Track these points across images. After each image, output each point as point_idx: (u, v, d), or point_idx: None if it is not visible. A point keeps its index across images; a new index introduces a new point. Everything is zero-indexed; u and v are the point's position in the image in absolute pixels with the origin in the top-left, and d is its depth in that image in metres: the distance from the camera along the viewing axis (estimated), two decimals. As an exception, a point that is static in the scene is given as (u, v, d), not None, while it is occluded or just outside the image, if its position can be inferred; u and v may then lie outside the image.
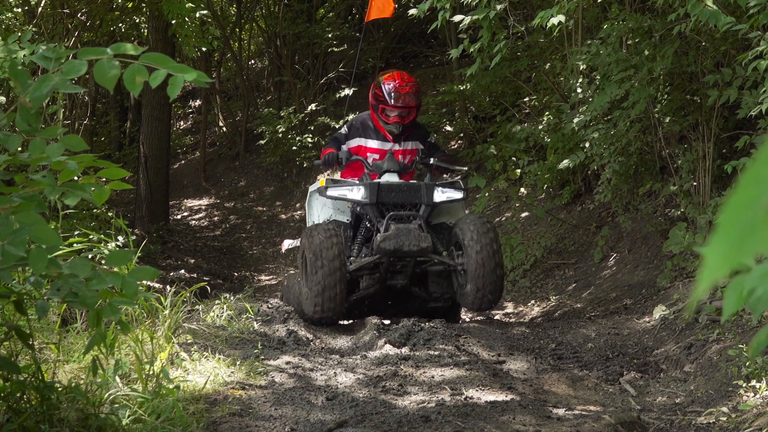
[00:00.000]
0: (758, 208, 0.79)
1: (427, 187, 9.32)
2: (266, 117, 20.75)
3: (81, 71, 3.94)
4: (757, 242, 0.79)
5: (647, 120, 10.53)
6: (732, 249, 0.80)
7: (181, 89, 3.80)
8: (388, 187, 9.28)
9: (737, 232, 0.80)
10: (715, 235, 0.82)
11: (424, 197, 9.29)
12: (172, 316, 6.97)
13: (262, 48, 25.49)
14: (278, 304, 9.54)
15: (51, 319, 6.40)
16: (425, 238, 8.95)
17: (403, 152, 9.87)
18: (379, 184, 9.24)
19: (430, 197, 9.30)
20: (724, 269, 0.81)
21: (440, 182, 9.52)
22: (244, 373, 6.71)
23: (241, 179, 21.71)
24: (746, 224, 0.80)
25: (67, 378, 5.57)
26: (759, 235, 0.79)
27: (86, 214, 12.16)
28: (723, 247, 0.81)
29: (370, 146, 9.85)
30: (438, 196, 9.34)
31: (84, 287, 4.12)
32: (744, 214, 0.80)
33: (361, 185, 9.29)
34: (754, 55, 6.65)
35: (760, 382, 6.42)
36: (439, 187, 9.36)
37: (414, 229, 8.99)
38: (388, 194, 9.26)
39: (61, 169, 4.07)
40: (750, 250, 0.80)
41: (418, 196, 9.30)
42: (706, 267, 0.81)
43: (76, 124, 17.86)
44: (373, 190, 9.21)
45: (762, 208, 0.79)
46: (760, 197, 0.79)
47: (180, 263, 15.72)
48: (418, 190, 9.31)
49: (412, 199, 9.31)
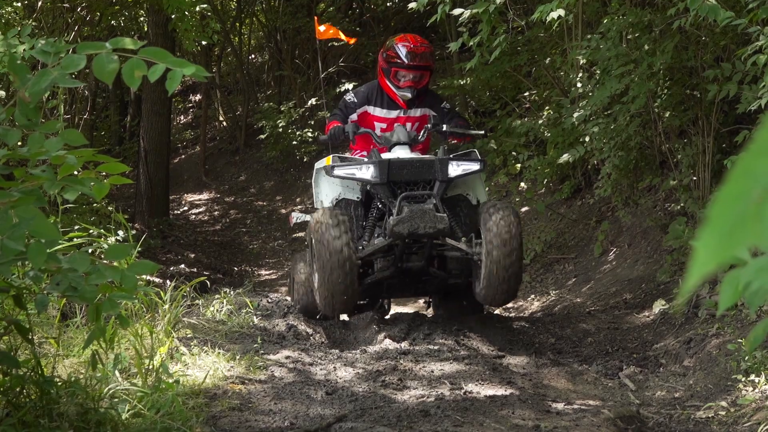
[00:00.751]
0: (748, 201, 0.80)
1: (441, 161, 8.54)
2: (266, 111, 20.75)
3: (80, 66, 3.95)
4: (747, 235, 0.80)
5: (647, 115, 10.53)
6: (722, 242, 0.80)
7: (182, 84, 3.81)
8: (399, 164, 8.53)
9: (727, 225, 0.80)
10: (706, 228, 0.83)
11: (438, 172, 8.52)
12: (172, 311, 6.98)
13: (263, 42, 25.49)
14: (278, 298, 9.52)
15: (51, 314, 6.41)
16: (441, 219, 8.25)
17: (413, 119, 9.28)
18: (389, 161, 8.51)
19: (445, 172, 8.53)
20: (715, 262, 0.81)
21: (455, 154, 8.84)
22: (243, 368, 6.72)
23: (242, 174, 21.71)
24: (736, 217, 0.80)
25: (66, 372, 5.58)
26: (749, 229, 0.79)
27: (86, 209, 12.16)
28: (713, 241, 0.81)
29: (378, 114, 9.27)
30: (453, 170, 8.57)
31: (83, 281, 4.12)
32: (734, 207, 0.80)
33: (369, 163, 8.56)
34: (753, 50, 6.65)
35: (759, 376, 6.42)
36: (453, 161, 8.59)
37: (429, 209, 8.27)
38: (400, 171, 8.52)
39: (60, 163, 4.08)
40: (740, 244, 0.80)
41: (432, 172, 8.55)
42: (696, 260, 0.81)
43: (76, 118, 17.87)
44: (382, 168, 8.48)
45: (752, 201, 0.80)
46: (751, 190, 0.80)
47: (180, 258, 15.72)
48: (431, 165, 8.54)
49: (425, 175, 8.56)
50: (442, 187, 8.54)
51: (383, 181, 8.46)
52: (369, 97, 9.28)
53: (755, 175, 0.80)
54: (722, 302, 1.71)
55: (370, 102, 9.26)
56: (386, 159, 8.52)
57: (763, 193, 0.79)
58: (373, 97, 9.29)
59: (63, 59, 3.99)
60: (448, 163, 8.54)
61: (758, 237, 0.79)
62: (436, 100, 9.44)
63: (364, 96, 9.32)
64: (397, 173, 8.50)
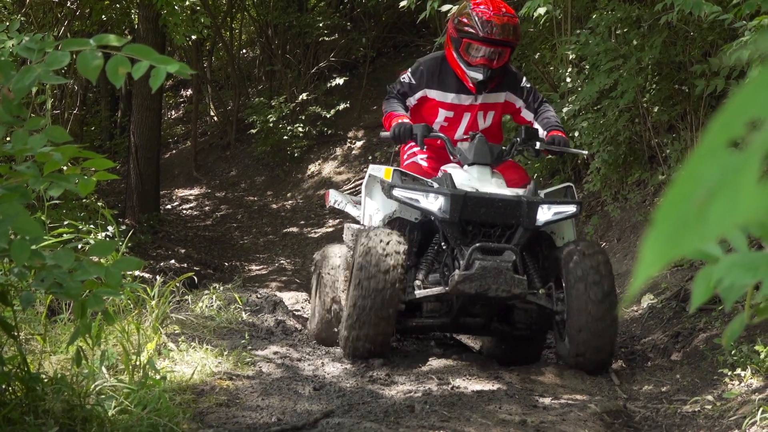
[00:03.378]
0: (692, 204, 0.80)
1: (529, 204, 6.90)
2: (257, 106, 20.74)
3: (64, 62, 3.95)
4: (690, 238, 0.81)
5: (636, 109, 10.56)
6: (667, 245, 0.81)
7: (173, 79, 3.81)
8: (476, 201, 6.87)
9: (672, 228, 0.81)
10: (651, 231, 0.83)
11: (524, 218, 6.91)
12: (160, 307, 6.98)
13: (254, 37, 25.47)
14: (267, 293, 9.50)
15: (38, 310, 6.40)
16: (519, 283, 6.78)
17: (487, 107, 7.58)
18: (465, 195, 6.84)
19: (533, 218, 6.93)
20: (659, 264, 0.82)
21: (547, 191, 7.23)
22: (231, 364, 6.72)
23: (232, 169, 21.70)
24: (680, 220, 0.81)
25: (53, 369, 5.57)
26: (692, 231, 0.80)
27: (75, 204, 12.15)
28: (658, 243, 0.82)
29: (441, 99, 7.53)
30: (543, 215, 6.97)
31: (68, 278, 4.13)
32: (678, 210, 0.81)
33: (439, 192, 6.90)
34: (738, 45, 6.67)
35: (744, 370, 6.44)
36: (544, 204, 6.96)
37: (506, 269, 6.77)
38: (476, 210, 6.89)
39: (46, 160, 4.08)
40: (684, 246, 0.81)
41: (516, 216, 6.92)
42: (641, 262, 0.82)
43: (66, 113, 17.84)
44: (455, 203, 6.84)
45: (695, 205, 0.80)
46: (694, 194, 0.81)
47: (170, 253, 15.72)
48: (516, 207, 6.89)
49: (507, 219, 6.93)
50: (525, 236, 6.99)
51: (453, 220, 6.88)
52: (430, 77, 7.54)
53: (700, 178, 0.81)
54: (695, 299, 1.73)
55: (431, 83, 7.54)
56: (461, 192, 6.88)
57: (707, 195, 0.80)
58: (435, 76, 7.54)
59: (47, 56, 3.99)
60: (538, 206, 6.94)
61: (701, 239, 0.80)
62: (515, 79, 7.69)
63: (424, 75, 7.57)
64: (472, 212, 6.90)
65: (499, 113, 7.66)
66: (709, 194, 0.80)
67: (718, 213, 0.80)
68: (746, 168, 0.80)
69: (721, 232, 0.79)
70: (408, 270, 7.07)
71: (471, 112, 7.53)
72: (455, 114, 7.51)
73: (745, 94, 0.80)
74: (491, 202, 6.89)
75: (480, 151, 7.17)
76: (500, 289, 6.73)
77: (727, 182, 0.80)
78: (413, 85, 7.55)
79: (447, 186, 6.92)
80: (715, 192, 0.80)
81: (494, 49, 7.24)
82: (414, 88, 7.55)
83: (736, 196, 0.80)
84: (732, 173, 0.80)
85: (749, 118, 0.80)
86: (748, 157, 0.80)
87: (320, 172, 19.78)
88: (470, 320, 7.30)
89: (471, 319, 7.29)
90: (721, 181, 0.80)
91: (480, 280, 6.74)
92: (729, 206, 0.79)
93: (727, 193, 0.80)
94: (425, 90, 7.53)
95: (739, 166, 0.80)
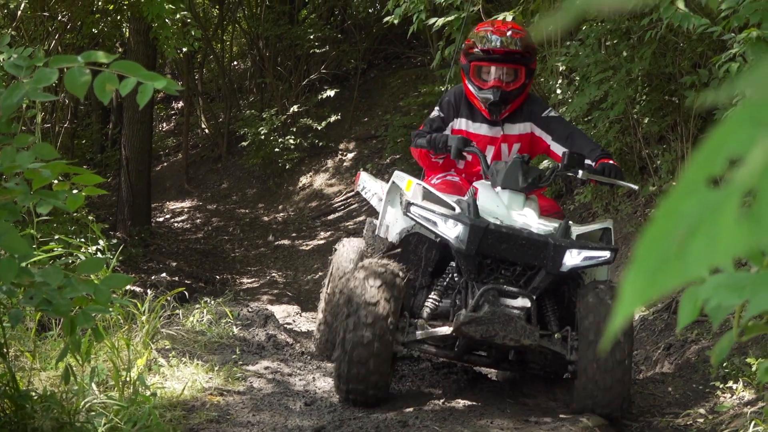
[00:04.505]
0: (672, 242, 0.80)
1: (556, 248, 6.11)
2: (248, 119, 20.74)
3: (52, 79, 3.94)
4: (670, 275, 0.80)
5: (626, 121, 10.57)
6: (647, 282, 0.81)
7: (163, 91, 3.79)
8: (497, 235, 6.12)
9: (652, 265, 0.81)
10: (631, 268, 0.83)
11: (549, 261, 6.14)
12: (150, 322, 6.96)
13: (245, 49, 25.48)
14: (258, 307, 9.47)
15: (28, 326, 6.38)
16: (530, 333, 6.09)
17: (509, 139, 6.90)
18: (486, 228, 6.09)
19: (558, 262, 6.14)
20: (640, 302, 0.82)
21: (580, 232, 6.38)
22: (222, 379, 6.70)
23: (224, 181, 21.69)
24: (660, 258, 0.80)
25: (42, 386, 5.56)
26: (672, 268, 0.80)
27: (66, 218, 12.13)
28: (638, 280, 0.81)
29: (468, 130, 6.89)
30: (570, 259, 6.17)
31: (57, 295, 4.11)
32: (658, 247, 0.81)
33: (458, 219, 6.16)
34: (727, 58, 6.68)
35: (736, 383, 6.44)
36: (573, 248, 6.16)
37: (517, 317, 6.10)
38: (496, 245, 6.13)
39: (34, 177, 4.07)
40: (663, 284, 0.80)
41: (540, 257, 6.16)
42: (622, 300, 0.82)
43: (57, 127, 17.82)
44: (474, 235, 6.09)
45: (676, 241, 0.80)
46: (674, 231, 0.80)
47: (162, 266, 15.69)
48: (541, 248, 6.13)
49: (529, 259, 6.17)
50: (547, 280, 6.23)
51: (470, 252, 6.14)
52: (456, 106, 6.95)
53: (680, 216, 0.80)
54: (681, 320, 1.72)
55: (459, 113, 6.94)
56: (482, 223, 6.12)
57: (687, 233, 0.80)
58: (460, 105, 6.95)
59: (35, 73, 3.98)
60: (566, 250, 6.15)
61: (681, 277, 0.80)
62: (538, 108, 6.98)
63: (452, 105, 6.96)
64: (492, 246, 6.15)
65: (526, 147, 6.89)
66: (688, 232, 0.80)
67: (698, 250, 0.79)
68: (726, 205, 0.79)
69: (701, 269, 0.79)
70: (418, 292, 6.58)
71: (494, 145, 6.87)
72: (479, 146, 6.74)
73: (724, 131, 0.80)
74: (514, 238, 6.12)
75: (512, 175, 6.42)
76: (508, 337, 6.07)
77: (707, 220, 0.79)
78: (443, 118, 6.93)
79: (469, 213, 6.16)
80: (695, 229, 0.80)
81: (502, 67, 6.67)
82: (446, 121, 6.92)
83: (716, 234, 0.79)
84: (712, 211, 0.80)
85: (729, 155, 0.79)
86: (727, 195, 0.80)
87: (311, 184, 19.77)
88: (477, 358, 6.68)
89: (478, 357, 6.67)
90: (701, 219, 0.80)
91: (487, 324, 6.07)
92: (709, 244, 0.79)
93: (706, 230, 0.79)
94: (455, 120, 6.92)
95: (719, 203, 0.80)
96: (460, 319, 6.10)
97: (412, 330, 6.32)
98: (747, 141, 0.78)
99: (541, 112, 6.89)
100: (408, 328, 6.31)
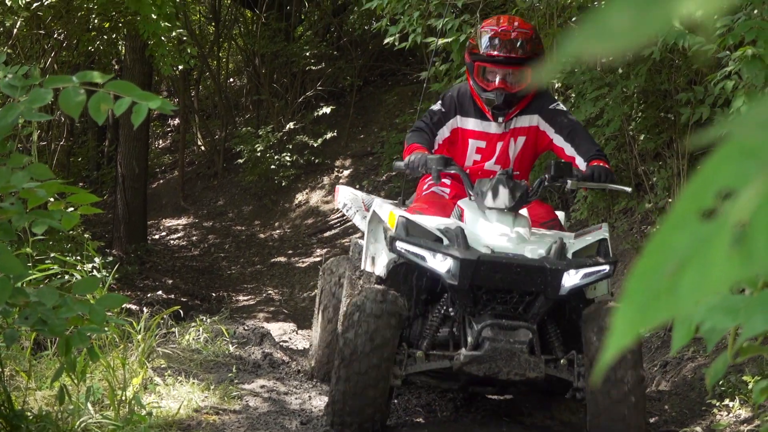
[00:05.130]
0: (662, 275, 0.80)
1: (552, 272, 5.76)
2: (245, 136, 20.74)
3: (46, 100, 3.94)
4: (661, 309, 0.80)
5: (622, 137, 10.57)
6: (638, 316, 0.81)
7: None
8: (490, 266, 5.74)
9: (643, 299, 0.81)
10: (622, 300, 0.83)
11: (548, 286, 5.78)
12: (146, 341, 6.95)
13: (241, 66, 25.50)
14: (254, 325, 9.46)
15: (24, 345, 6.37)
16: (535, 366, 5.78)
17: (516, 132, 6.57)
18: (477, 260, 5.70)
19: (556, 287, 5.78)
20: (631, 335, 0.82)
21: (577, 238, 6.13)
22: (218, 398, 6.69)
23: (220, 198, 21.68)
24: (651, 292, 0.80)
25: (38, 406, 5.55)
26: (663, 302, 0.80)
27: (62, 236, 12.12)
28: (629, 314, 0.81)
29: (472, 128, 6.58)
30: (569, 280, 5.83)
31: (52, 315, 4.11)
32: (649, 281, 0.81)
33: (448, 254, 5.75)
34: (722, 75, 6.69)
35: (733, 401, 6.44)
36: (571, 268, 5.82)
37: (520, 351, 5.76)
38: (490, 276, 5.75)
39: (29, 197, 4.07)
40: (654, 318, 0.80)
41: (537, 283, 5.80)
42: (614, 334, 0.82)
43: (53, 144, 17.83)
44: (465, 269, 5.70)
45: (666, 275, 0.80)
46: (665, 264, 0.80)
47: (158, 284, 15.68)
48: (537, 273, 5.77)
49: (526, 286, 5.81)
50: (547, 305, 5.89)
51: (463, 287, 5.75)
52: (460, 103, 6.62)
53: (670, 249, 0.80)
54: (675, 342, 1.73)
55: (462, 110, 6.61)
56: (473, 256, 5.73)
57: (678, 266, 0.80)
58: (465, 102, 6.62)
59: (30, 93, 3.99)
60: (563, 273, 5.80)
61: (672, 310, 0.80)
62: (546, 100, 6.66)
63: (454, 102, 6.63)
64: (486, 277, 5.77)
65: (532, 140, 6.59)
66: (679, 265, 0.80)
67: (689, 284, 0.79)
68: (717, 238, 0.79)
69: (692, 303, 0.79)
70: (413, 322, 6.18)
71: (503, 140, 6.58)
72: (488, 144, 6.55)
73: (714, 163, 0.80)
74: (508, 267, 5.74)
75: (498, 194, 6.01)
76: (512, 372, 5.75)
77: (698, 253, 0.79)
78: (444, 113, 6.57)
79: (458, 243, 5.78)
80: (686, 263, 0.79)
81: (507, 69, 6.32)
82: (447, 116, 6.57)
83: (707, 267, 0.79)
84: (702, 244, 0.79)
85: (719, 188, 0.79)
86: (718, 228, 0.80)
87: (308, 201, 19.76)
88: (482, 388, 6.51)
89: (482, 388, 6.50)
90: (692, 252, 0.79)
91: (489, 362, 5.74)
92: (700, 277, 0.79)
93: (697, 263, 0.79)
94: (457, 117, 6.58)
95: (710, 236, 0.80)
96: (461, 360, 5.78)
97: (411, 362, 5.94)
98: (738, 174, 0.78)
99: (548, 104, 6.57)
100: (406, 360, 5.93)
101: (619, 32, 0.77)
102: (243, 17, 23.78)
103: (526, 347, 5.76)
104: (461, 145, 6.62)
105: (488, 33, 6.31)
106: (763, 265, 0.76)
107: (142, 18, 13.63)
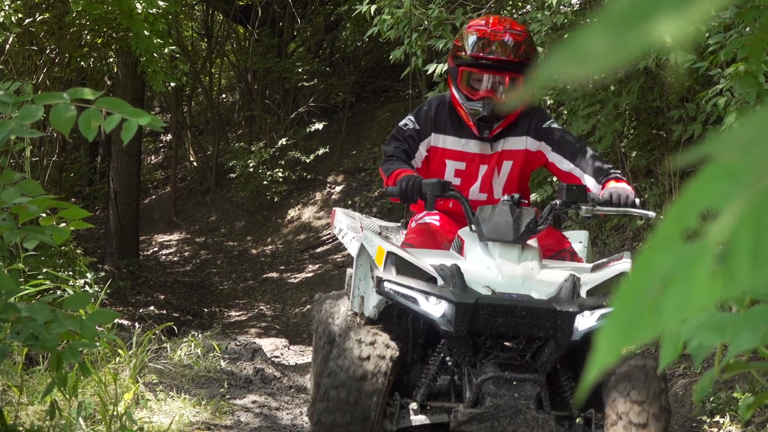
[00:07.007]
0: (646, 296, 0.81)
1: (563, 315, 4.84)
2: (237, 151, 20.76)
3: (37, 116, 3.95)
4: (645, 329, 0.81)
5: (614, 154, 10.60)
6: (621, 336, 0.82)
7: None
8: (491, 310, 4.87)
9: (627, 319, 0.82)
10: (606, 321, 0.84)
11: (559, 332, 4.87)
12: (138, 356, 6.95)
13: (233, 82, 25.54)
14: (245, 341, 9.46)
15: (16, 360, 6.37)
16: (544, 423, 4.88)
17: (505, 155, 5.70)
18: (476, 303, 4.83)
19: (567, 332, 4.86)
20: (615, 355, 0.83)
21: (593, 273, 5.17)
22: (209, 413, 6.69)
23: (212, 214, 21.68)
24: (635, 312, 0.82)
25: (30, 420, 5.54)
26: (647, 322, 0.81)
27: (54, 252, 12.11)
28: (613, 334, 0.82)
29: (450, 146, 5.69)
30: (583, 323, 4.87)
31: (44, 330, 4.11)
32: (633, 301, 0.82)
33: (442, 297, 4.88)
34: (714, 93, 6.72)
35: (723, 417, 6.44)
36: (585, 309, 4.85)
37: (526, 408, 4.88)
38: (491, 321, 4.88)
39: (21, 212, 4.08)
40: (638, 337, 0.81)
41: (545, 329, 4.90)
42: (597, 353, 0.83)
43: (45, 160, 17.83)
44: (462, 314, 4.85)
45: (649, 297, 0.81)
46: (648, 285, 0.81)
47: (150, 299, 15.67)
48: (547, 317, 4.89)
49: (533, 332, 4.92)
50: (558, 353, 4.96)
51: (460, 334, 4.89)
52: (436, 119, 5.71)
53: (654, 270, 0.82)
54: (663, 359, 1.75)
55: (437, 127, 5.70)
56: (471, 298, 4.86)
57: (661, 287, 0.81)
58: (442, 118, 5.70)
59: (21, 110, 4.00)
60: (575, 316, 4.85)
61: (656, 329, 0.81)
62: (539, 119, 5.73)
63: (429, 117, 5.72)
64: (486, 322, 4.90)
65: (519, 164, 5.71)
66: (663, 285, 0.81)
67: (672, 304, 0.80)
68: (700, 259, 0.80)
69: (676, 322, 0.80)
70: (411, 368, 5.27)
71: (488, 164, 5.70)
72: (468, 166, 5.68)
73: (698, 184, 0.81)
74: (512, 310, 4.87)
75: (502, 224, 5.13)
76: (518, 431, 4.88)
77: (681, 273, 0.81)
78: (419, 131, 5.66)
79: (453, 284, 4.92)
80: (669, 283, 0.81)
81: (496, 75, 5.44)
82: (421, 135, 5.67)
83: (690, 287, 0.80)
84: (685, 264, 0.81)
85: (702, 208, 0.80)
86: (701, 249, 0.81)
87: (300, 217, 19.76)
88: None
89: None
90: (675, 272, 0.81)
91: (491, 421, 4.87)
92: (683, 298, 0.80)
93: (681, 284, 0.80)
94: (432, 135, 5.68)
95: (693, 257, 0.81)
96: (459, 417, 4.90)
97: (404, 414, 5.06)
98: (720, 194, 0.79)
99: (542, 123, 5.67)
100: (399, 412, 5.06)
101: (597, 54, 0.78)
102: (235, 33, 23.82)
103: (533, 403, 4.91)
104: (437, 168, 5.75)
105: (475, 33, 5.46)
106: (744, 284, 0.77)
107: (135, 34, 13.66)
